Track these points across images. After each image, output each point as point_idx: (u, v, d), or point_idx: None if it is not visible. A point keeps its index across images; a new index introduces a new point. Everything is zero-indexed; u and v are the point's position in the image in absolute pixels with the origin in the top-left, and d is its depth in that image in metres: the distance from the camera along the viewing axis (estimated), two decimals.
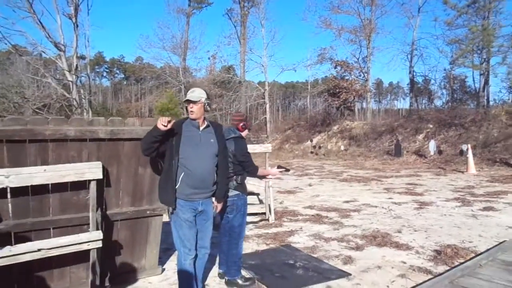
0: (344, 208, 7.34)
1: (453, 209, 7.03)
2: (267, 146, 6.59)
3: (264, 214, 6.52)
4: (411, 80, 28.31)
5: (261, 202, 7.34)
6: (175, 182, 3.00)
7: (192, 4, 35.62)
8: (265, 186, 6.52)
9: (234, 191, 3.64)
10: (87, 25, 26.53)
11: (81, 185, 3.21)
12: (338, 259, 4.39)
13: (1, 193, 2.94)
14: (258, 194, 7.93)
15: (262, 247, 4.96)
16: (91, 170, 3.13)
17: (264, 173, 4.14)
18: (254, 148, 6.23)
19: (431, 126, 18.62)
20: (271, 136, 28.95)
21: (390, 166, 15.75)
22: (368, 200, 8.15)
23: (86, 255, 3.22)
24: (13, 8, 20.08)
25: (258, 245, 5.05)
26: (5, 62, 27.19)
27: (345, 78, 27.18)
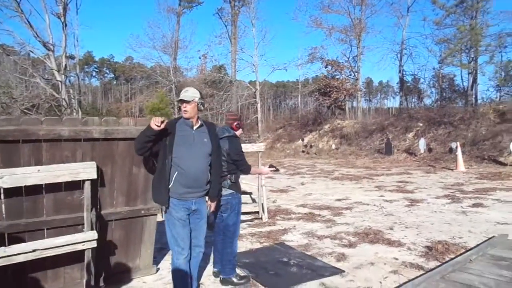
0: (337, 206, 7.39)
1: (443, 206, 7.14)
2: (260, 146, 6.62)
3: (257, 213, 6.55)
4: (401, 79, 28.64)
5: (254, 201, 7.36)
6: (169, 182, 3.01)
7: (183, 4, 35.47)
8: (258, 185, 6.54)
9: (228, 190, 3.66)
10: (76, 25, 26.17)
11: (75, 185, 3.20)
12: (332, 257, 4.44)
13: None
14: (251, 193, 7.95)
15: (256, 246, 4.99)
16: (86, 170, 3.12)
17: (257, 172, 4.18)
18: (247, 148, 6.24)
19: (421, 125, 18.83)
20: (263, 136, 28.98)
21: (381, 164, 15.90)
22: (360, 198, 8.23)
23: (81, 256, 3.21)
24: (0, 7, 19.76)
25: (252, 244, 5.07)
26: None
27: (336, 77, 27.34)
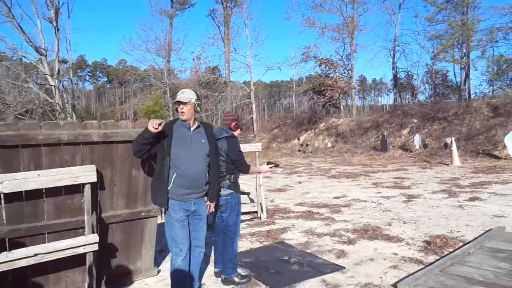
0: (335, 204, 7.43)
1: (440, 201, 7.20)
2: (257, 145, 6.63)
3: (256, 213, 6.57)
4: (394, 76, 28.81)
5: (252, 201, 7.39)
6: (167, 183, 3.02)
7: (175, 5, 35.32)
8: (256, 185, 6.56)
9: (228, 190, 3.67)
10: (69, 29, 26.20)
11: (75, 189, 3.20)
12: (332, 254, 4.47)
13: None
14: (249, 193, 7.98)
15: (256, 245, 5.01)
16: (86, 174, 3.12)
17: (256, 171, 4.20)
18: (244, 148, 6.24)
19: (416, 121, 18.94)
20: (258, 136, 28.98)
21: (377, 161, 15.97)
22: (357, 195, 8.27)
23: (82, 259, 3.22)
24: None
25: (252, 243, 5.09)
26: None
27: (330, 76, 27.46)
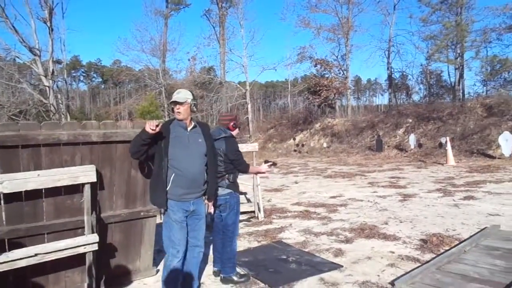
0: (331, 203, 7.47)
1: (436, 200, 7.27)
2: (254, 145, 6.66)
3: (253, 213, 6.59)
4: (389, 76, 28.93)
5: (249, 201, 7.41)
6: (166, 184, 3.03)
7: (170, 6, 35.24)
8: (253, 185, 6.59)
9: (227, 190, 3.69)
10: (63, 29, 26.06)
11: (75, 189, 3.20)
12: (329, 252, 4.50)
13: None
14: (246, 193, 7.99)
15: (254, 244, 5.03)
16: (85, 174, 3.13)
17: (256, 170, 4.22)
18: (241, 148, 6.25)
19: (410, 121, 19.06)
20: (254, 136, 28.98)
21: (373, 161, 16.05)
22: (354, 195, 8.32)
23: (81, 259, 3.22)
24: None
25: (250, 243, 5.11)
26: None
27: (325, 76, 27.48)
